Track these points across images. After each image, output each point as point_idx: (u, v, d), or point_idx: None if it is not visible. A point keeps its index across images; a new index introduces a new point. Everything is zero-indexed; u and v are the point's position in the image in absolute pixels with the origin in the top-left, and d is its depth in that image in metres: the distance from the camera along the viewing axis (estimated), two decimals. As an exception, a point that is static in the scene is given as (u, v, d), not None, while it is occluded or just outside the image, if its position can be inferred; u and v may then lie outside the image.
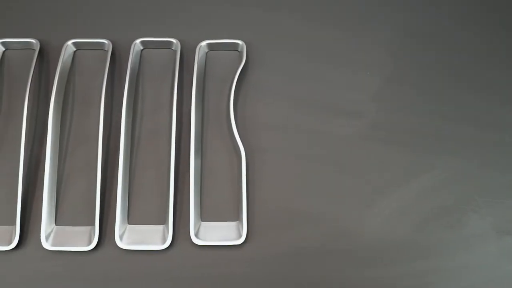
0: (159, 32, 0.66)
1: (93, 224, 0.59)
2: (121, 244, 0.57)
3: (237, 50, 0.66)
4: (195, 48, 0.65)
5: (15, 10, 0.68)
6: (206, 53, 0.65)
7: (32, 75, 0.62)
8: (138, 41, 0.64)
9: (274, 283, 0.57)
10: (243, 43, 0.64)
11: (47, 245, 0.57)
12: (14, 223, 0.58)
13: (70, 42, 0.64)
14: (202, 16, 0.68)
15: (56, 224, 0.59)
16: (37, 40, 0.64)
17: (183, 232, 0.59)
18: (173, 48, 0.65)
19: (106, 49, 0.65)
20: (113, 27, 0.67)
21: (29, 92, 0.61)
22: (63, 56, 0.63)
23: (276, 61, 0.65)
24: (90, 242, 0.57)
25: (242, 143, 0.60)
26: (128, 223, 0.59)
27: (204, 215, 0.59)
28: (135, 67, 0.63)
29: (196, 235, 0.57)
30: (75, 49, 0.66)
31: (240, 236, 0.58)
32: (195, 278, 0.57)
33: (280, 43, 0.66)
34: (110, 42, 0.64)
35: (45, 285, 0.57)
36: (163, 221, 0.59)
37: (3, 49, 0.65)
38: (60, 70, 0.62)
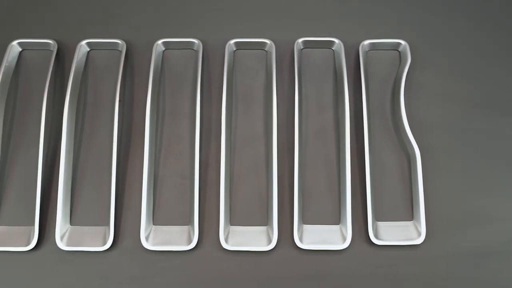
0: (320, 32, 0.66)
1: (266, 224, 0.59)
2: (301, 244, 0.57)
3: (397, 50, 0.65)
4: (353, 47, 0.65)
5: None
6: (366, 52, 0.65)
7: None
8: (300, 40, 0.64)
9: (454, 283, 0.57)
10: (405, 43, 0.64)
11: (226, 245, 0.57)
12: (192, 223, 0.58)
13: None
14: (362, 15, 0.67)
15: (230, 224, 0.59)
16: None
17: (359, 231, 0.59)
18: (333, 48, 0.65)
19: (267, 49, 0.65)
20: (275, 27, 0.67)
21: (200, 92, 0.61)
22: (227, 56, 0.63)
23: (437, 60, 0.65)
24: (269, 242, 0.57)
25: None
26: (303, 223, 0.59)
27: (378, 215, 0.59)
28: (299, 66, 0.63)
29: (375, 235, 0.57)
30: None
31: (418, 235, 0.57)
32: (374, 278, 0.57)
33: (440, 42, 0.66)
34: (272, 42, 0.64)
35: (222, 285, 0.58)
36: (337, 221, 0.59)
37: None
38: (227, 70, 0.62)
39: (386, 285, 0.57)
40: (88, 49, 0.65)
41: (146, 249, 0.57)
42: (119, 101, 0.62)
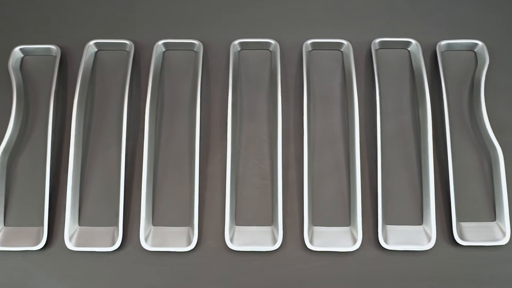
0: (395, 33, 0.66)
1: (348, 224, 0.59)
2: (386, 245, 0.57)
3: (472, 51, 0.65)
4: (427, 48, 0.65)
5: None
6: (442, 53, 0.65)
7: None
8: (376, 41, 0.64)
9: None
10: (482, 43, 0.64)
11: (310, 245, 0.57)
12: (276, 224, 0.58)
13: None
14: (436, 16, 0.67)
15: (313, 225, 0.59)
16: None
17: (442, 232, 0.59)
18: (409, 49, 0.65)
19: (343, 50, 0.65)
20: (350, 27, 0.67)
21: (281, 92, 0.61)
22: (305, 56, 0.63)
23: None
24: (353, 243, 0.57)
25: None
26: (387, 224, 0.59)
27: (459, 215, 0.59)
28: (378, 67, 0.63)
29: (459, 235, 0.57)
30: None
31: (503, 236, 0.57)
32: (459, 278, 0.58)
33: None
34: (349, 43, 0.64)
35: (306, 285, 0.58)
36: (419, 221, 0.59)
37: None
38: (306, 71, 0.62)
39: (471, 286, 0.57)
40: (164, 50, 0.65)
41: (230, 249, 0.57)
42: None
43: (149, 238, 0.58)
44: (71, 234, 0.58)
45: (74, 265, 0.58)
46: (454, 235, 0.57)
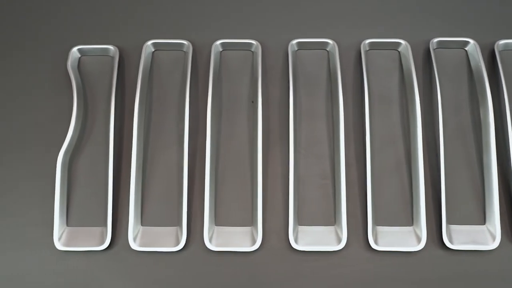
0: (450, 32, 0.66)
1: (411, 224, 0.59)
2: (451, 245, 0.57)
3: (519, 51, 0.66)
4: (485, 47, 0.65)
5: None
6: (499, 52, 0.65)
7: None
8: (434, 40, 0.64)
9: None
10: (537, 44, 0.64)
11: (375, 245, 0.57)
12: (339, 224, 0.58)
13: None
14: (495, 15, 0.67)
15: (376, 225, 0.59)
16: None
17: (505, 231, 0.59)
18: (466, 49, 0.65)
19: (400, 49, 0.65)
20: (406, 26, 0.67)
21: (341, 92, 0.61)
22: (364, 56, 0.63)
23: None
24: (418, 242, 0.57)
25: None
26: (449, 223, 0.59)
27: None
28: (437, 67, 0.63)
29: (524, 235, 0.58)
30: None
31: None
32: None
33: None
34: (407, 43, 0.64)
35: (369, 285, 0.58)
36: (482, 221, 0.59)
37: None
38: (366, 71, 0.62)
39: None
40: (221, 50, 0.65)
41: (294, 249, 0.57)
42: (251, 102, 0.63)
43: (213, 238, 0.58)
44: (135, 234, 0.58)
45: (137, 265, 0.58)
46: (516, 234, 0.57)
